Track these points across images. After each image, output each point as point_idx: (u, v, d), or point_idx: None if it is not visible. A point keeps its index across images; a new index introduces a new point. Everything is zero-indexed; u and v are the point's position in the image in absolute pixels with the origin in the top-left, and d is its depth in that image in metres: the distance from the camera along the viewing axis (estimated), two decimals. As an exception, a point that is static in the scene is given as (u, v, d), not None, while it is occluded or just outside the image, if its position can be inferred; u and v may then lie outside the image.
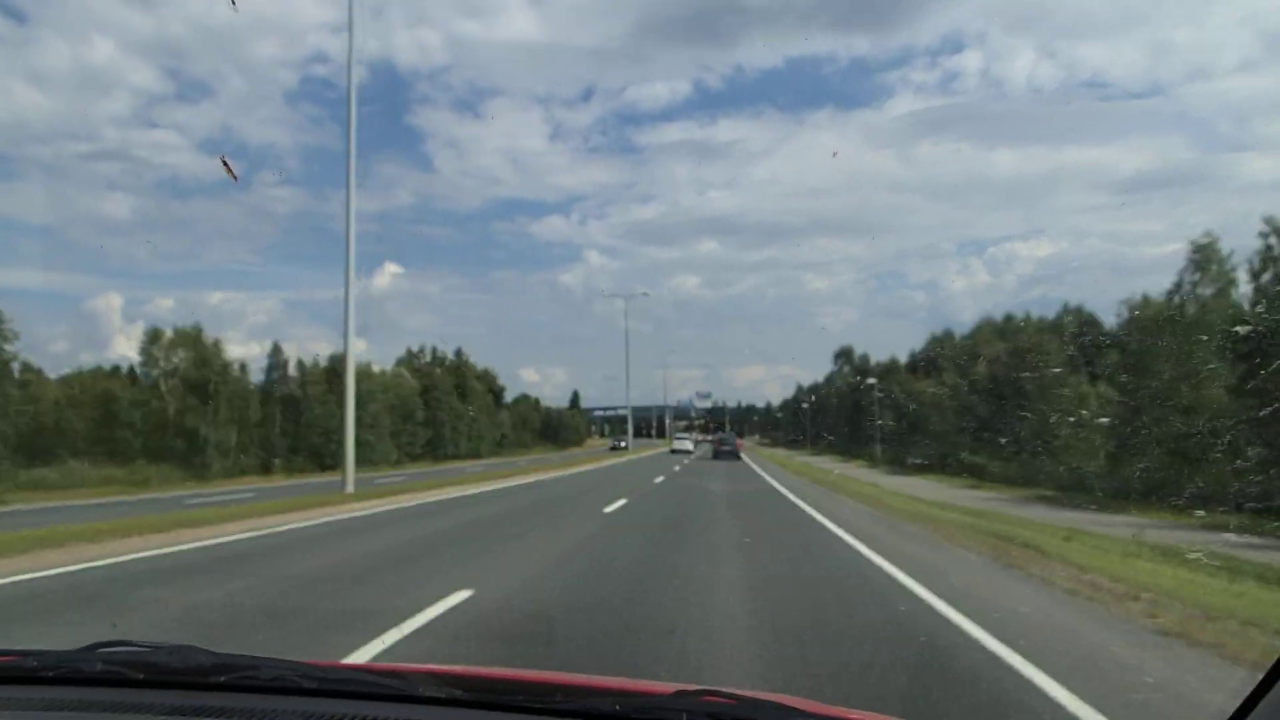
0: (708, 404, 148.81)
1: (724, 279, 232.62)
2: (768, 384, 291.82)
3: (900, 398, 48.32)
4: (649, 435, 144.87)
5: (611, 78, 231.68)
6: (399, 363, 63.32)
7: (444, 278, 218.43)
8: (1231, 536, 13.56)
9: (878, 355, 76.25)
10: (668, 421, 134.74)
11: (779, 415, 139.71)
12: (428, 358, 65.50)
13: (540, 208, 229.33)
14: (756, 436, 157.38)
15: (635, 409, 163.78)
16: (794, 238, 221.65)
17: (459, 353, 63.49)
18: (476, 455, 60.21)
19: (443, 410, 56.55)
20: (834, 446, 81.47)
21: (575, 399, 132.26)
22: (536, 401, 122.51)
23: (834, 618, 6.37)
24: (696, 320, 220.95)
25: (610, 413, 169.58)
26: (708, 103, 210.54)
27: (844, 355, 77.41)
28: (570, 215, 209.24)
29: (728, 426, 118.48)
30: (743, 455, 55.23)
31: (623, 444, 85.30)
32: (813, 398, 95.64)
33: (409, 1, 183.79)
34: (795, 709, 1.52)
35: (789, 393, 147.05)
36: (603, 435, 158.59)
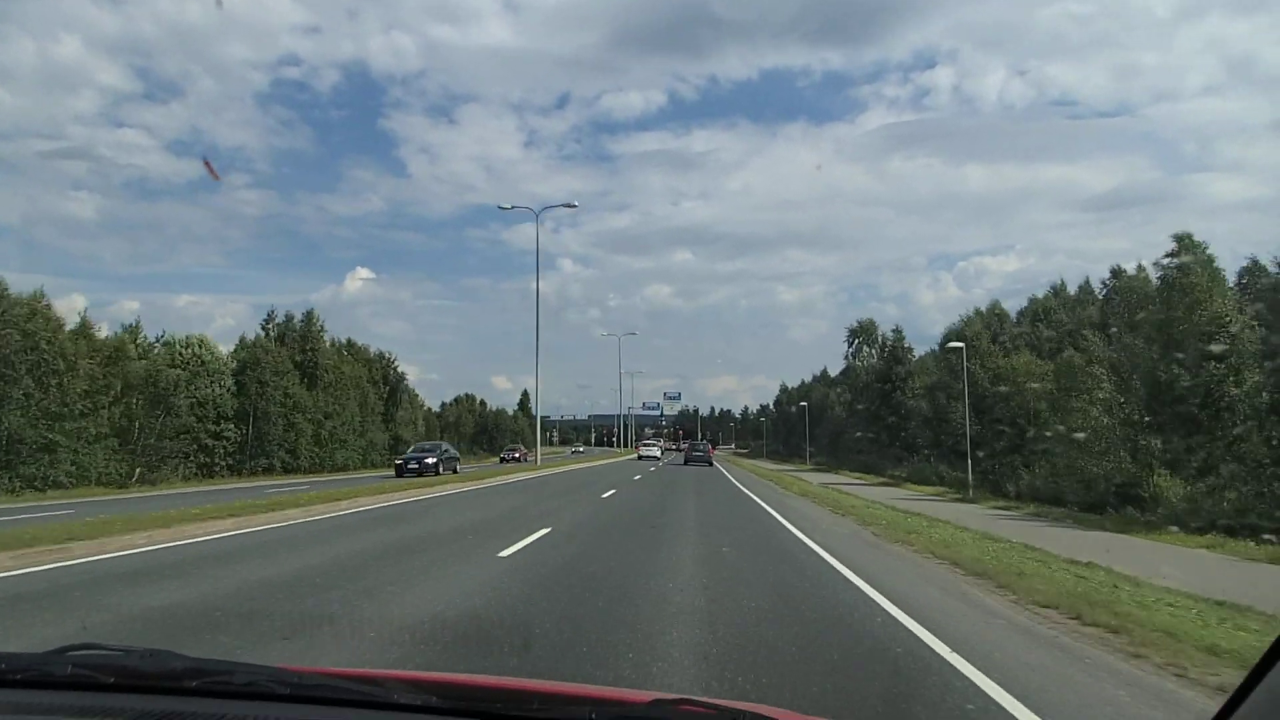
0: (676, 407, 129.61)
1: (697, 289, 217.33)
2: (740, 394, 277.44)
3: (986, 384, 29.48)
4: (609, 444, 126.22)
5: (586, 86, 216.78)
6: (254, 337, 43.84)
7: (416, 284, 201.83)
8: None
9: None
10: (629, 428, 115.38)
11: (761, 420, 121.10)
12: (282, 326, 45.93)
13: (513, 215, 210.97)
14: (732, 446, 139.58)
15: (595, 416, 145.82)
16: (766, 249, 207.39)
17: (309, 316, 43.45)
18: (332, 467, 40.93)
19: (269, 401, 36.99)
20: (828, 460, 62.82)
21: (524, 400, 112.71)
22: (481, 402, 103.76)
23: None
24: (669, 329, 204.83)
25: (571, 419, 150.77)
26: (682, 113, 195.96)
27: (861, 333, 54.67)
28: (544, 223, 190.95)
29: (699, 434, 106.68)
30: (725, 472, 37.32)
31: (426, 461, 32.15)
32: (807, 399, 76.22)
33: (383, 5, 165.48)
34: (774, 719, 1.50)
35: (765, 401, 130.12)
36: (562, 443, 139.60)
